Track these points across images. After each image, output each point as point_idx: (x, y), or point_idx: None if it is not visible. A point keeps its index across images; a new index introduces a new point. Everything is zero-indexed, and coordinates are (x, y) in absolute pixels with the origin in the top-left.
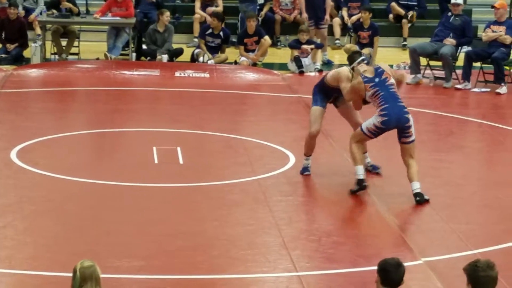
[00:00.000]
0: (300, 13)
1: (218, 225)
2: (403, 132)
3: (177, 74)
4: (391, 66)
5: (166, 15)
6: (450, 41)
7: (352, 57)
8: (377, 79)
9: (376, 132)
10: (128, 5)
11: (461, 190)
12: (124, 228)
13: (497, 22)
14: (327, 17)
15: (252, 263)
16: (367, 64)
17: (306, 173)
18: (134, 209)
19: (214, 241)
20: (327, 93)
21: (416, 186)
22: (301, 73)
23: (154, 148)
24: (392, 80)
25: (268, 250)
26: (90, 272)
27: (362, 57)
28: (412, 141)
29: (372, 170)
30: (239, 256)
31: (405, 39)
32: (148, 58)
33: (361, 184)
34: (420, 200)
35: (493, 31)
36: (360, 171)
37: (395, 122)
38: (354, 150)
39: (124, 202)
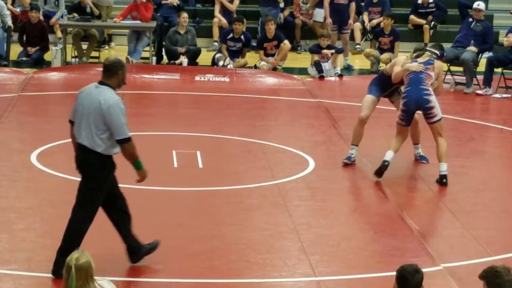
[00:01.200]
0: (324, 18)
1: (236, 229)
2: (426, 113)
3: (197, 78)
4: None
5: (183, 16)
6: (472, 49)
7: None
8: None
9: (404, 116)
10: (147, 9)
11: (481, 196)
12: (143, 232)
13: None
14: (351, 21)
15: (271, 267)
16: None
17: (346, 161)
18: (153, 213)
19: (232, 245)
20: (384, 84)
21: (443, 168)
22: (321, 77)
23: (174, 152)
24: (431, 73)
25: (287, 254)
26: (86, 267)
27: (418, 52)
28: (437, 120)
29: (420, 160)
30: (258, 261)
31: (426, 44)
32: (167, 62)
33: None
34: (442, 183)
35: None
36: (389, 155)
37: (415, 103)
38: (393, 141)
39: (143, 206)
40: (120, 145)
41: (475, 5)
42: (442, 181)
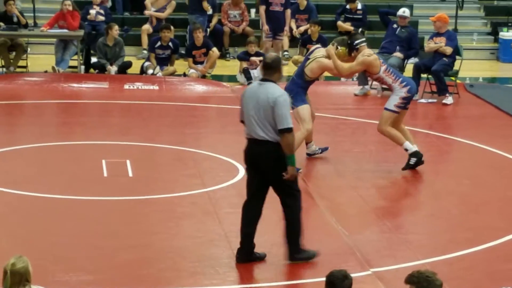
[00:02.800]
0: (261, 25)
1: (167, 238)
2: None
3: (126, 86)
4: (339, 77)
5: (115, 29)
6: (397, 54)
7: (355, 37)
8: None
9: (404, 103)
10: (74, 17)
11: (408, 200)
12: (73, 242)
13: (439, 34)
14: (286, 28)
15: (202, 275)
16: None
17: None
18: (82, 223)
19: (163, 254)
20: (306, 89)
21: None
22: (250, 84)
23: (104, 161)
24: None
25: (218, 262)
26: (22, 272)
27: (364, 39)
28: None
29: (321, 152)
30: (188, 269)
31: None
32: (97, 70)
33: (417, 155)
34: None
35: (435, 43)
36: (409, 146)
37: (416, 89)
38: (391, 132)
39: (73, 216)
40: (281, 135)
41: (400, 12)
42: (412, 160)
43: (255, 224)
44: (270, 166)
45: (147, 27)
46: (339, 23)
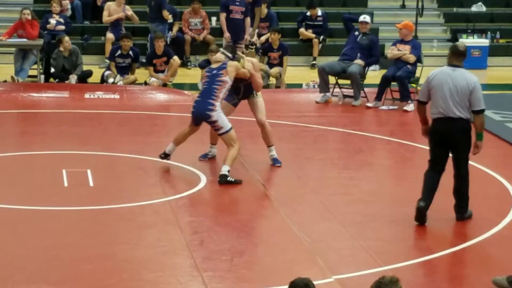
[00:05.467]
0: (222, 32)
1: (128, 248)
2: (212, 126)
3: (86, 95)
4: (301, 85)
5: (66, 41)
6: (358, 62)
7: (234, 48)
8: (214, 71)
9: (191, 120)
10: (33, 27)
11: (370, 207)
12: (33, 253)
13: (403, 41)
14: (246, 36)
15: (164, 285)
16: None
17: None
18: (43, 234)
19: (125, 263)
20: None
21: (223, 169)
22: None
23: (64, 171)
24: (225, 78)
25: (180, 271)
26: None
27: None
28: (224, 132)
29: (273, 163)
30: (150, 279)
31: (314, 58)
32: (57, 80)
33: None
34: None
35: (399, 50)
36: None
37: (199, 117)
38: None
39: (32, 227)
40: (476, 115)
41: (361, 18)
42: (221, 180)
43: (433, 194)
44: (462, 139)
45: (111, 36)
46: (301, 30)
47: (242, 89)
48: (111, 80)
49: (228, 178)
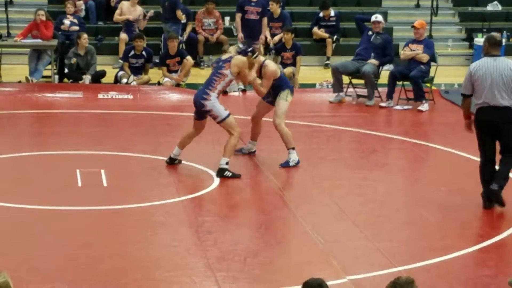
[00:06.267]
0: (236, 33)
1: (142, 248)
2: (209, 115)
3: (100, 96)
4: (314, 85)
5: (84, 38)
6: (373, 61)
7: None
8: (220, 63)
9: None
10: (48, 27)
11: (384, 208)
12: (48, 253)
13: (415, 41)
14: (262, 36)
15: (177, 285)
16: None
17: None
18: (57, 233)
19: (138, 263)
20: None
21: (221, 162)
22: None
23: (78, 171)
24: (226, 71)
25: (193, 271)
26: (4, 287)
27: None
28: (221, 120)
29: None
30: (164, 278)
31: (328, 58)
32: (71, 80)
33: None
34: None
35: (411, 50)
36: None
37: (194, 104)
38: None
39: (47, 226)
40: None
41: (373, 18)
42: (218, 174)
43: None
44: (508, 127)
45: (124, 36)
46: (315, 30)
47: (271, 88)
48: (124, 80)
49: (225, 173)
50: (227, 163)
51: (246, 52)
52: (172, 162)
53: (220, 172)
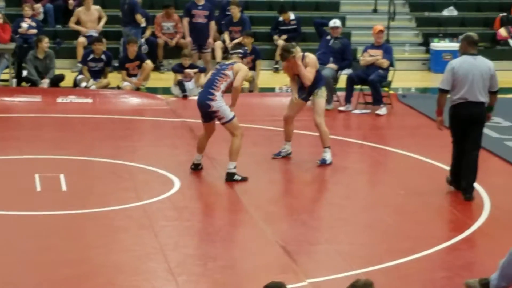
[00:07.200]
0: (184, 37)
1: (103, 252)
2: (214, 116)
3: (59, 100)
4: (274, 89)
5: (45, 42)
6: (331, 66)
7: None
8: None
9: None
10: (5, 30)
11: (344, 211)
12: (8, 258)
13: (374, 46)
14: (210, 40)
15: None
16: None
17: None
18: (16, 238)
19: (100, 268)
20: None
21: (229, 166)
22: (185, 97)
23: (37, 176)
24: (228, 72)
25: (154, 276)
26: None
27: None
28: (227, 121)
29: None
30: (125, 283)
31: (277, 62)
32: (29, 84)
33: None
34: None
35: (370, 55)
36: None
37: (200, 106)
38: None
39: (5, 231)
40: (492, 95)
41: (331, 23)
42: (228, 178)
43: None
44: (481, 121)
45: (82, 40)
46: (275, 37)
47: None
48: (83, 84)
49: (235, 177)
50: (235, 167)
51: (246, 53)
52: (197, 168)
53: (230, 177)
